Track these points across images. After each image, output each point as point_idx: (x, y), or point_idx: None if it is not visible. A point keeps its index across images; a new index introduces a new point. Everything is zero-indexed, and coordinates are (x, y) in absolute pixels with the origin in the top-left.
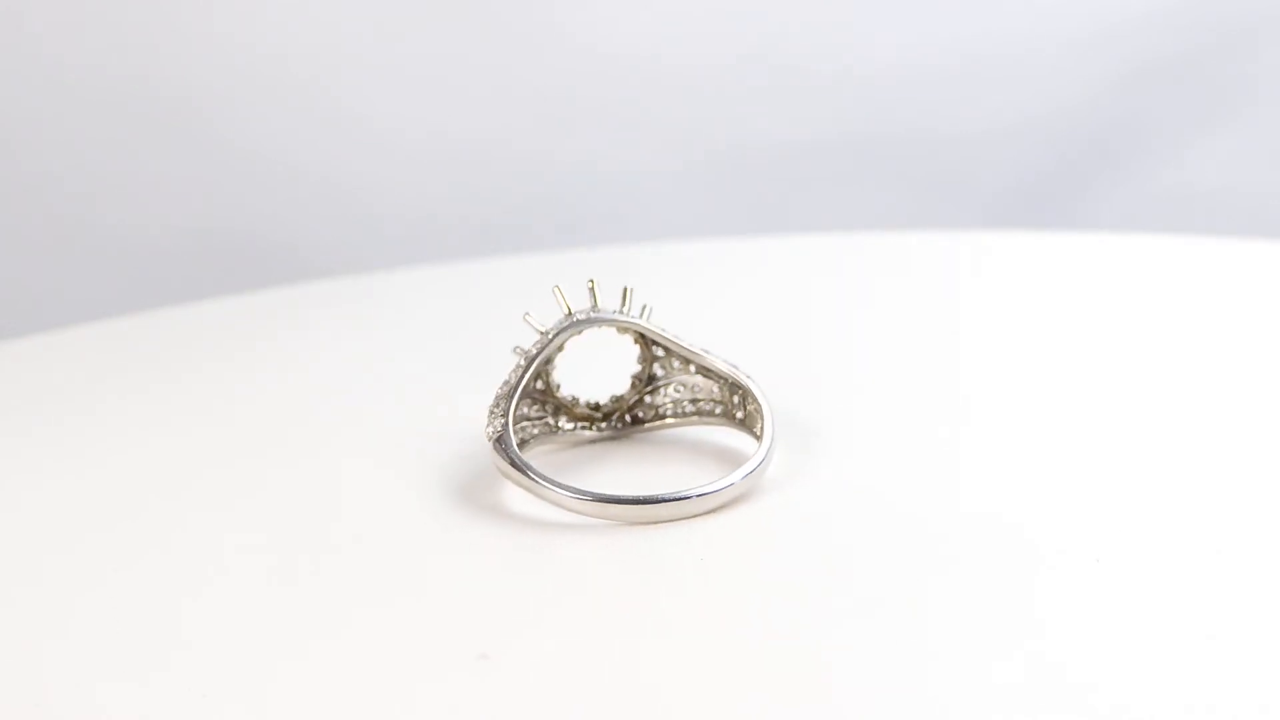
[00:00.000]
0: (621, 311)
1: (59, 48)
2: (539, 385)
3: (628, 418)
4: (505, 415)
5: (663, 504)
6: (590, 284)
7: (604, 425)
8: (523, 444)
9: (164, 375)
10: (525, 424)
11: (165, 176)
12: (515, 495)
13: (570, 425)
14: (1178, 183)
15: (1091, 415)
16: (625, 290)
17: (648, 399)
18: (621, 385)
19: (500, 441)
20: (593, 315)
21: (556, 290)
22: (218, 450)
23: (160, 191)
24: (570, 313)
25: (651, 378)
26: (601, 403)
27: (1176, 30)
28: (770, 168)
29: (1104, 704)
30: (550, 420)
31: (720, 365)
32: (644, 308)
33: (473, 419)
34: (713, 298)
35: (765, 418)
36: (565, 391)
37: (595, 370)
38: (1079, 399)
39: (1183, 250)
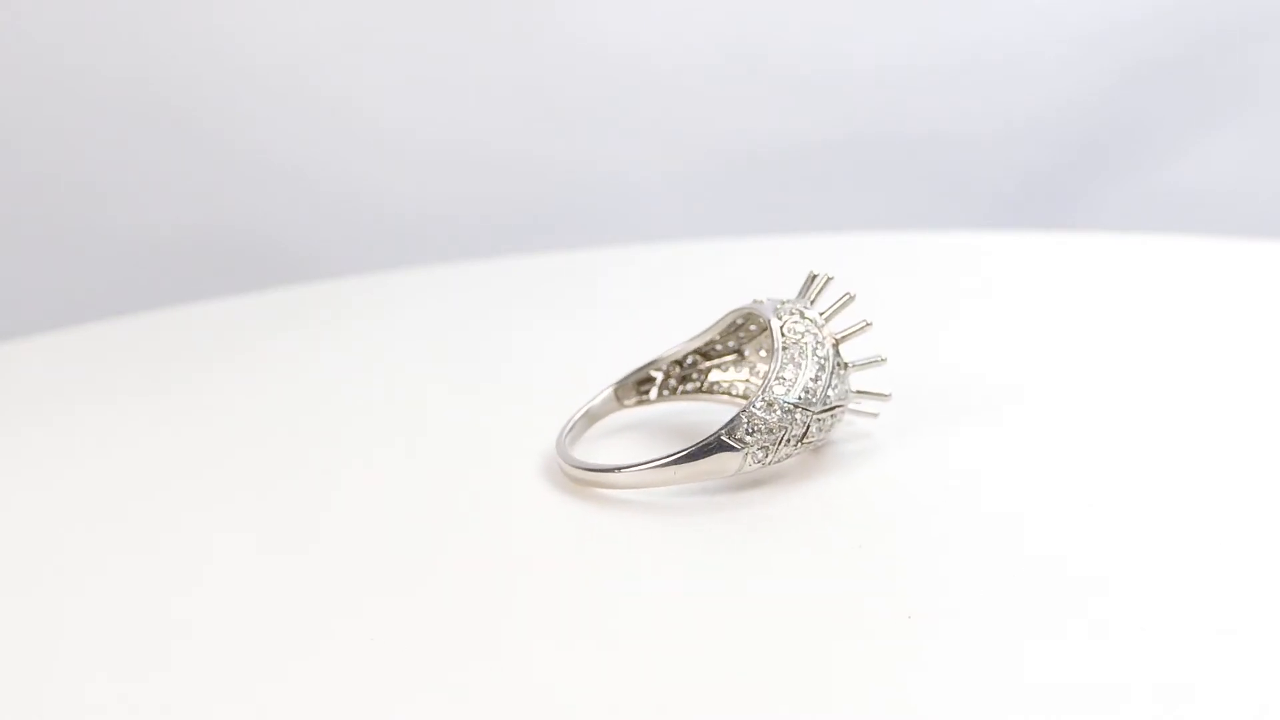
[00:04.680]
0: (778, 301)
1: (59, 48)
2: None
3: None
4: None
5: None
6: (820, 276)
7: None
8: (697, 391)
9: (164, 375)
10: (730, 380)
11: (166, 176)
12: (516, 491)
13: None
14: (1178, 183)
15: (1092, 413)
16: (823, 276)
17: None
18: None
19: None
20: (754, 303)
21: (810, 273)
22: (217, 449)
23: (161, 191)
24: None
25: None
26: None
27: (1176, 30)
28: (771, 168)
29: (1140, 709)
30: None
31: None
32: (864, 324)
33: (472, 418)
34: (713, 298)
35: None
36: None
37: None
38: (1080, 398)
39: (1183, 250)
